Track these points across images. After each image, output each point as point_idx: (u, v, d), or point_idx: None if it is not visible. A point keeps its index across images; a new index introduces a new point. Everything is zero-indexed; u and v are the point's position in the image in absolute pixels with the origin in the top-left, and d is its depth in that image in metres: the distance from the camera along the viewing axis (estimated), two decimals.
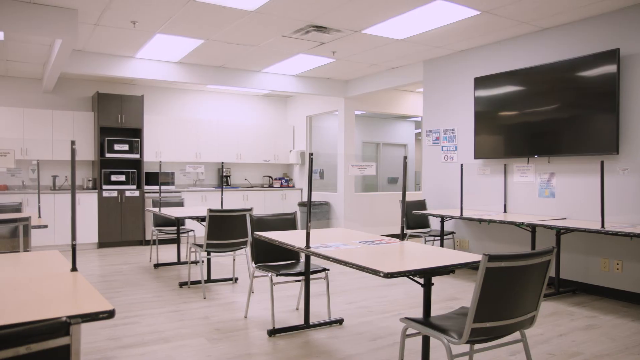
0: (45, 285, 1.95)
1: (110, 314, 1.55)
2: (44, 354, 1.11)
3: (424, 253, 3.00)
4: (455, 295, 4.89)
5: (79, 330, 1.16)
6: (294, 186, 9.98)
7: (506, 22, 5.17)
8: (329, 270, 3.93)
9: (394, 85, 7.61)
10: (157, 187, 8.08)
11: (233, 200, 8.87)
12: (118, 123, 8.01)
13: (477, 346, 2.50)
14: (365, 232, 3.84)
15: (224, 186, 6.41)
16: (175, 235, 6.31)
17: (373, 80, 7.94)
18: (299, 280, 4.09)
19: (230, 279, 5.42)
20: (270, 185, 9.84)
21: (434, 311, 2.77)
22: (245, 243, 4.89)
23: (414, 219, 6.34)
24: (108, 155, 7.88)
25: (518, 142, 5.59)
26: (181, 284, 5.22)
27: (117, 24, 5.34)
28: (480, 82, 5.99)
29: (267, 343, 3.51)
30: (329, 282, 4.08)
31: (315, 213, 8.77)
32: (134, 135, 8.27)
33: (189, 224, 6.69)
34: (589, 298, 4.83)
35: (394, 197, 8.90)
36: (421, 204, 6.59)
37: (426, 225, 6.53)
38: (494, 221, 5.13)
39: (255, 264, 3.97)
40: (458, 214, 5.57)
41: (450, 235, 6.34)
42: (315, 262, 3.90)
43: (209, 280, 5.30)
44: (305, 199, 9.63)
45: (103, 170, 7.87)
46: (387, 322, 4.00)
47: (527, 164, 5.60)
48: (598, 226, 4.31)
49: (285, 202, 9.58)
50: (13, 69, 7.34)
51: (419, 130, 11.70)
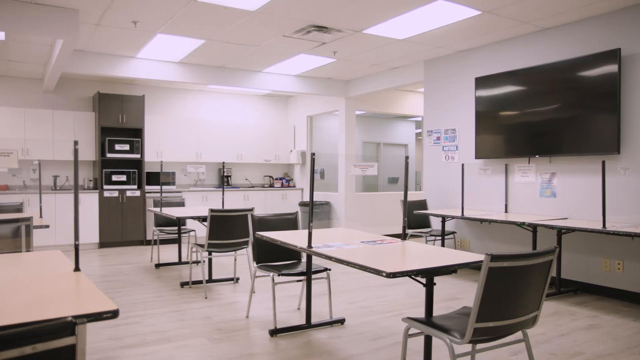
0: (49, 285, 1.96)
1: (114, 314, 1.56)
2: (50, 353, 1.11)
3: (425, 253, 3.00)
4: (456, 295, 4.89)
5: (84, 330, 1.16)
6: (294, 186, 9.98)
7: (507, 22, 5.18)
8: (330, 270, 3.94)
9: (395, 85, 7.61)
10: (158, 187, 8.09)
11: (234, 200, 8.88)
12: (119, 123, 8.01)
13: (479, 346, 2.50)
14: (366, 232, 3.85)
15: (224, 186, 6.40)
16: (176, 235, 6.32)
17: (374, 80, 7.94)
18: (300, 280, 4.09)
19: (231, 279, 5.43)
20: (271, 185, 9.84)
21: (435, 311, 2.77)
22: (246, 243, 4.90)
23: (414, 219, 6.34)
24: (109, 155, 7.89)
25: (519, 142, 5.59)
26: (182, 284, 5.22)
27: (118, 24, 5.34)
28: (481, 82, 5.99)
29: (269, 343, 3.52)
30: (330, 282, 4.08)
31: (316, 213, 8.77)
32: (135, 135, 8.27)
33: (190, 224, 6.70)
34: (590, 298, 4.83)
35: (395, 197, 8.90)
36: (422, 204, 6.59)
37: (427, 225, 6.54)
38: (495, 221, 5.13)
39: (256, 263, 3.97)
40: (459, 214, 5.57)
41: (451, 235, 6.34)
42: (316, 262, 3.90)
43: (210, 280, 5.31)
44: (305, 199, 9.63)
45: (104, 170, 7.87)
46: (389, 322, 4.00)
47: (528, 164, 5.61)
48: (599, 226, 4.32)
49: (286, 202, 9.58)
50: (14, 69, 7.34)
51: (419, 130, 11.70)
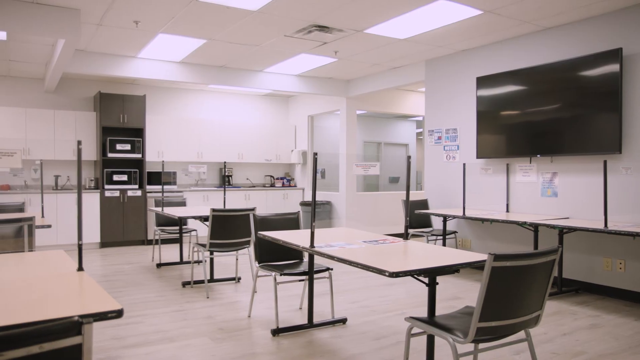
0: (53, 285, 1.96)
1: (119, 314, 1.56)
2: (56, 353, 1.12)
3: (428, 252, 3.00)
4: (457, 295, 4.89)
5: (90, 329, 1.17)
6: (295, 186, 9.98)
7: (508, 22, 5.18)
8: (332, 269, 3.94)
9: (396, 85, 7.61)
10: (159, 187, 8.09)
11: (235, 200, 8.88)
12: (120, 123, 8.01)
13: (481, 345, 2.50)
14: (368, 232, 3.85)
15: (225, 186, 6.41)
16: (178, 235, 6.32)
17: (375, 79, 7.94)
18: (302, 280, 4.10)
19: (232, 279, 5.43)
20: (272, 185, 9.84)
21: (437, 310, 2.77)
22: (247, 243, 4.90)
23: (416, 219, 6.35)
24: (110, 155, 7.89)
25: (520, 142, 5.59)
26: (184, 284, 5.22)
27: (120, 24, 5.34)
28: (483, 82, 5.99)
29: (271, 342, 3.52)
30: (332, 282, 4.08)
31: (317, 212, 8.76)
32: (136, 135, 8.27)
33: (191, 224, 6.70)
34: (592, 297, 4.83)
35: (396, 197, 8.91)
36: (423, 204, 6.60)
37: (428, 224, 6.54)
38: (497, 221, 5.13)
39: (258, 263, 3.97)
40: (460, 214, 5.57)
41: (452, 235, 6.34)
42: (317, 262, 3.91)
43: (211, 279, 5.31)
44: (307, 199, 9.63)
45: (105, 170, 7.87)
46: (390, 322, 4.01)
47: (530, 164, 5.61)
48: (601, 225, 4.32)
49: (287, 202, 9.58)
50: (15, 69, 7.35)
51: (420, 130, 11.70)
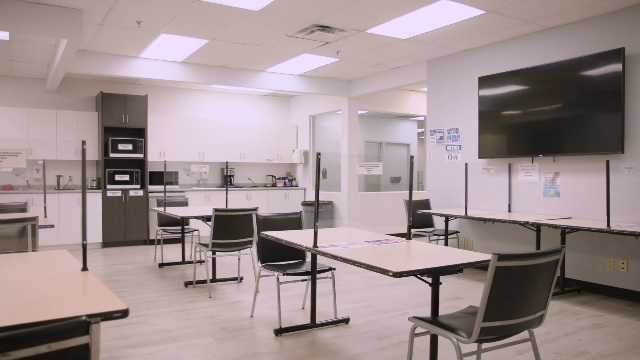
0: (58, 285, 1.96)
1: (124, 314, 1.56)
2: (64, 353, 1.12)
3: (431, 252, 3.00)
4: (459, 295, 4.89)
5: (98, 329, 1.17)
6: (297, 186, 9.99)
7: (510, 22, 5.17)
8: (335, 269, 3.94)
9: (398, 84, 7.61)
10: (161, 187, 8.09)
11: (236, 200, 8.89)
12: (122, 123, 8.02)
13: (484, 345, 2.50)
14: (370, 232, 3.85)
15: (227, 186, 6.42)
16: (180, 234, 6.33)
17: (377, 79, 7.94)
18: (305, 280, 4.10)
19: (235, 279, 5.43)
20: (274, 185, 9.85)
21: (440, 310, 2.77)
22: (250, 242, 4.91)
23: (418, 218, 6.35)
24: (112, 155, 7.90)
25: (522, 142, 5.59)
26: (186, 284, 5.23)
27: (122, 24, 5.35)
28: (485, 82, 5.99)
29: (274, 342, 3.52)
30: (335, 282, 4.09)
31: (319, 212, 8.77)
32: (138, 135, 8.28)
33: (193, 224, 6.71)
34: (594, 297, 4.83)
35: (397, 197, 8.91)
36: (425, 204, 6.60)
37: (430, 224, 6.54)
38: (499, 220, 5.13)
39: (261, 263, 3.98)
40: (462, 214, 5.57)
41: (454, 235, 6.34)
42: (320, 262, 3.91)
43: (214, 279, 5.32)
44: (308, 199, 9.64)
45: (107, 170, 7.88)
46: (393, 322, 4.01)
47: (532, 163, 5.61)
48: (603, 225, 4.32)
49: (289, 202, 9.59)
50: (17, 69, 7.36)
51: (421, 130, 11.70)
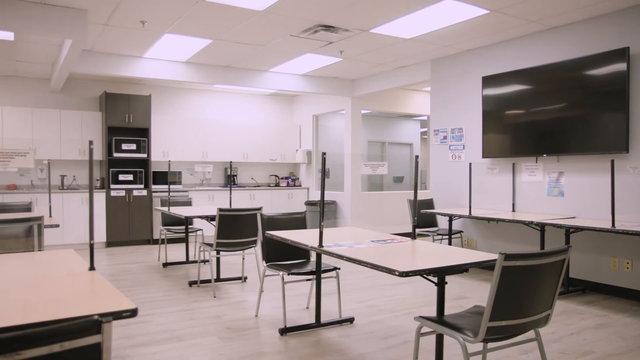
0: (66, 284, 1.97)
1: (133, 313, 1.57)
2: (77, 351, 1.13)
3: (436, 252, 3.00)
4: (463, 294, 4.89)
5: (110, 328, 1.18)
6: (300, 185, 9.99)
7: (515, 21, 5.17)
8: (340, 269, 3.95)
9: (401, 84, 7.61)
10: (165, 187, 8.11)
11: (240, 200, 8.90)
12: (125, 123, 8.04)
13: (490, 345, 2.50)
14: (374, 231, 3.85)
15: (231, 185, 6.43)
16: (184, 234, 6.34)
17: (380, 79, 7.94)
18: (309, 279, 4.11)
19: (239, 278, 5.44)
20: (277, 185, 9.86)
21: (444, 310, 2.77)
22: (254, 242, 4.92)
23: (421, 218, 6.35)
24: (116, 154, 7.92)
25: (526, 141, 5.58)
26: (191, 283, 5.24)
27: (126, 24, 5.36)
28: (489, 81, 5.99)
29: (279, 342, 3.53)
30: (339, 281, 4.09)
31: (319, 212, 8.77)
32: (142, 134, 8.30)
33: (197, 223, 6.72)
34: (599, 297, 4.83)
35: (400, 196, 8.90)
36: (428, 203, 6.60)
37: (434, 224, 6.54)
38: (503, 220, 5.13)
39: (266, 263, 3.98)
40: (466, 213, 5.57)
41: (457, 234, 6.34)
42: (325, 261, 3.91)
43: (218, 279, 5.33)
44: (311, 198, 9.64)
45: (111, 169, 7.90)
46: (398, 321, 4.01)
47: (536, 163, 5.60)
48: (608, 225, 4.31)
49: (292, 202, 9.59)
50: (22, 69, 7.38)
51: (424, 129, 11.69)
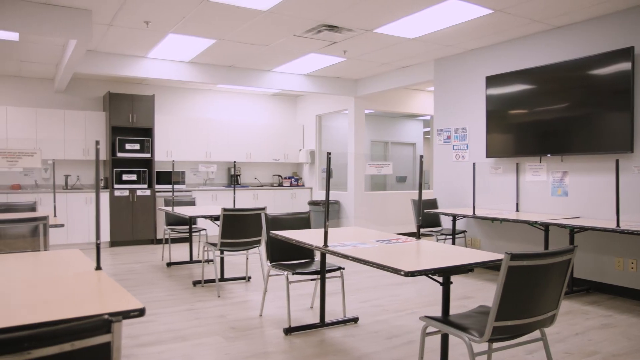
0: (74, 284, 1.98)
1: (141, 312, 1.57)
2: (87, 351, 1.13)
3: (441, 252, 3.00)
4: (468, 294, 4.89)
5: (119, 328, 1.18)
6: (303, 185, 10.00)
7: (518, 21, 5.16)
8: (344, 269, 3.95)
9: (405, 84, 7.60)
10: (168, 187, 8.12)
11: (243, 199, 8.91)
12: (129, 122, 8.06)
13: (495, 345, 2.50)
14: (378, 231, 3.85)
15: (234, 185, 6.44)
16: (187, 234, 6.35)
17: (383, 79, 7.94)
18: (314, 279, 4.11)
19: (243, 278, 5.45)
20: (280, 185, 9.86)
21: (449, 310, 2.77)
22: (258, 242, 4.92)
23: (425, 218, 6.34)
24: (119, 154, 7.93)
25: (530, 141, 5.57)
26: (195, 283, 5.25)
27: (130, 24, 5.37)
28: (492, 81, 5.98)
29: (284, 341, 3.54)
30: (344, 281, 4.09)
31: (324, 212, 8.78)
32: (145, 134, 8.32)
33: (201, 223, 6.73)
34: (603, 297, 4.82)
35: (403, 196, 8.90)
36: (432, 203, 6.60)
37: (437, 224, 6.53)
38: (507, 220, 5.12)
39: (270, 262, 3.99)
40: (470, 213, 5.56)
41: (461, 234, 6.33)
42: (329, 261, 3.91)
43: (222, 279, 5.33)
44: (315, 198, 9.65)
45: (114, 169, 7.92)
46: (402, 321, 4.01)
47: (540, 163, 5.59)
48: (613, 225, 4.30)
49: (295, 201, 9.60)
50: (26, 70, 7.40)
51: (427, 129, 11.68)
